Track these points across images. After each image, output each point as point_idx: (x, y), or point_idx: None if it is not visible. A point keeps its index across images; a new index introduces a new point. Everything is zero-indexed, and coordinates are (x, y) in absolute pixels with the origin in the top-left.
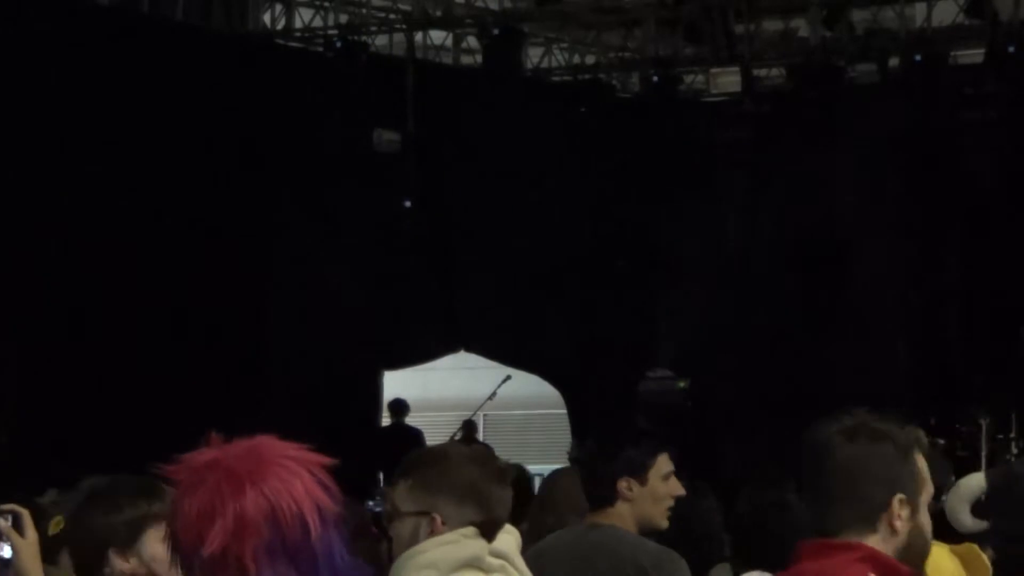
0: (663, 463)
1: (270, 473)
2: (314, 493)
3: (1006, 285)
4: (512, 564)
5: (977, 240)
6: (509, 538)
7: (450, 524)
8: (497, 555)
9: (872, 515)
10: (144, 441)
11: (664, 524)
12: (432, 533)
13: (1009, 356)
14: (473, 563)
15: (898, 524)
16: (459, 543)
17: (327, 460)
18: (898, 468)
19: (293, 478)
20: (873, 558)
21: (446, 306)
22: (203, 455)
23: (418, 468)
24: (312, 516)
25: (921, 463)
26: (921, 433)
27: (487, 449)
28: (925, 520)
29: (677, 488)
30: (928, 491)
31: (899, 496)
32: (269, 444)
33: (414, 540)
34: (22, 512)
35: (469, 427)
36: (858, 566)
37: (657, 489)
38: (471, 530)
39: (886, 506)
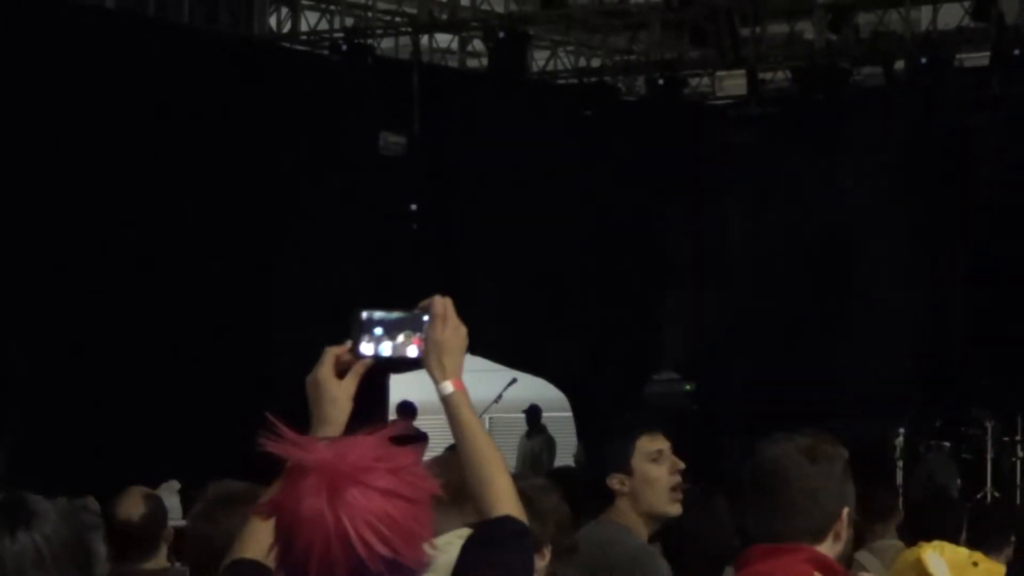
0: (645, 445)
1: (328, 510)
2: (349, 557)
3: (1012, 287)
4: None
5: (982, 242)
6: None
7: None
8: None
9: (825, 526)
10: (150, 449)
11: (672, 509)
12: None
13: (1015, 359)
14: None
15: (843, 533)
16: (453, 544)
17: (418, 549)
18: (847, 485)
19: (339, 532)
20: (816, 559)
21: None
22: (322, 452)
23: None
24: (318, 568)
25: None
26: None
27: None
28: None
29: (675, 464)
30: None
31: (847, 509)
32: (361, 487)
33: None
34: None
35: None
36: (804, 566)
37: (647, 473)
38: (466, 531)
39: (837, 518)
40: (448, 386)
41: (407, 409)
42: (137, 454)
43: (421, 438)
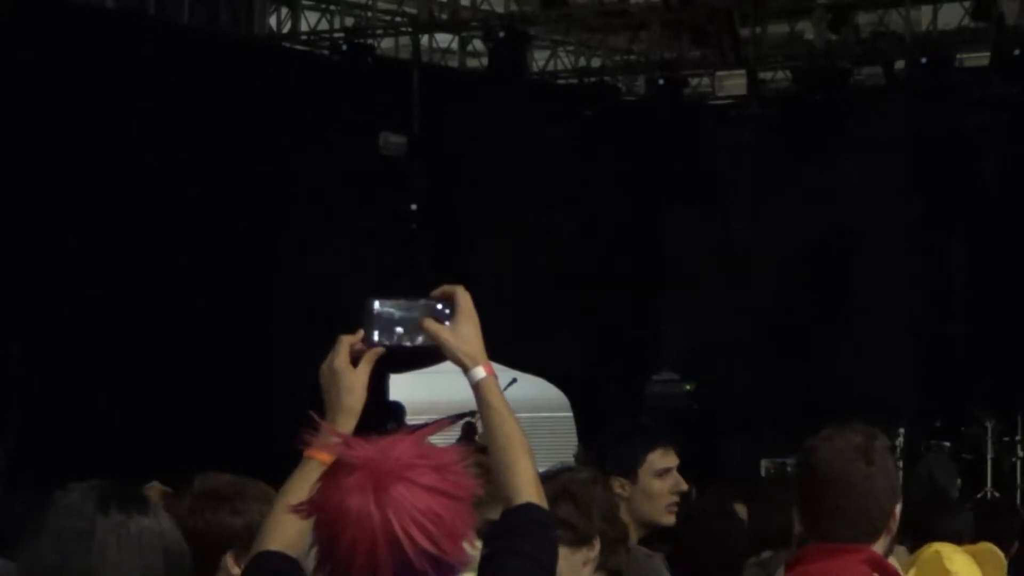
0: (656, 460)
1: (375, 507)
2: (394, 554)
3: (1012, 287)
4: None
5: (983, 242)
6: None
7: None
8: None
9: (883, 525)
10: (148, 448)
11: (667, 520)
12: None
13: (1015, 359)
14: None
15: (894, 527)
16: None
17: (457, 551)
18: (897, 479)
19: (386, 529)
20: (874, 560)
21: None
22: (365, 449)
23: None
24: (362, 565)
25: None
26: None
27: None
28: None
29: (678, 484)
30: None
31: (899, 505)
32: (407, 484)
33: None
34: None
35: (469, 429)
36: (862, 567)
37: (651, 487)
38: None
39: (891, 514)
40: (480, 371)
41: (395, 409)
42: (136, 452)
43: None
